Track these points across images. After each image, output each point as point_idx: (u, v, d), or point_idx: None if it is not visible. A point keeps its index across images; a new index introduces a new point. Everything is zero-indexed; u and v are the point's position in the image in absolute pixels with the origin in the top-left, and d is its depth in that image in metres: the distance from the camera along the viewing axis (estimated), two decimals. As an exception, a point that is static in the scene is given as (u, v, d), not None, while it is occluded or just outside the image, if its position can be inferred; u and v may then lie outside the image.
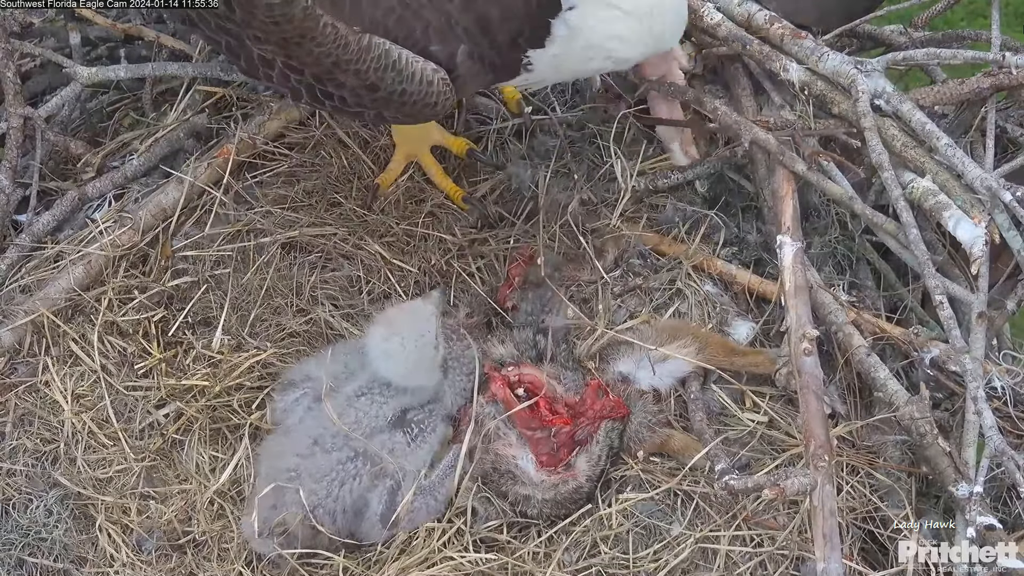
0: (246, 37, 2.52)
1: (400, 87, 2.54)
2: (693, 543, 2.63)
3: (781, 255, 2.90)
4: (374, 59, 2.50)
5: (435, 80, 2.56)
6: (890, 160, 2.79)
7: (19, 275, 3.04)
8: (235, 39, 2.56)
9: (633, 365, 2.90)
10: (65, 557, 2.72)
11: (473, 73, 2.62)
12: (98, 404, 2.91)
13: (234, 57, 2.62)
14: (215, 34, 2.58)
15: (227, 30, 2.54)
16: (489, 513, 2.73)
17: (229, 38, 2.57)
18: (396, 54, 2.52)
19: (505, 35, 2.59)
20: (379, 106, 2.60)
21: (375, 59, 2.50)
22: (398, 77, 2.53)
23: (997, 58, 3.01)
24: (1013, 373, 2.80)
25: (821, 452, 2.54)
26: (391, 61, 2.51)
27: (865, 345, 2.82)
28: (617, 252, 3.12)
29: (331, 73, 2.52)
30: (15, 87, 3.20)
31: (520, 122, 3.29)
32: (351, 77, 2.52)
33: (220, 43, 2.61)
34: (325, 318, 3.12)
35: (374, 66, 2.51)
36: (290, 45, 2.48)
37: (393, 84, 2.53)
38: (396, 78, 2.53)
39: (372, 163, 3.27)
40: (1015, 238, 2.71)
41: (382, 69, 2.51)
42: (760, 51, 3.08)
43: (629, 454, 2.82)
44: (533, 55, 2.63)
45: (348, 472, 2.70)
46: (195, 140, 3.28)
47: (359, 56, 2.49)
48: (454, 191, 3.22)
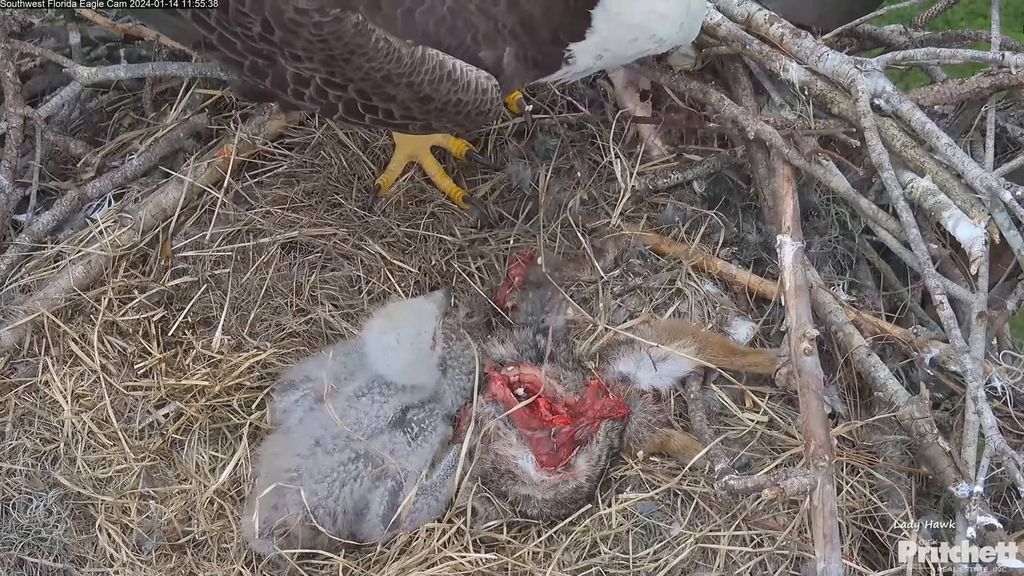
0: (281, 56, 2.51)
1: (456, 97, 2.53)
2: (693, 543, 2.63)
3: (781, 255, 2.90)
4: (428, 71, 2.50)
5: (489, 88, 2.56)
6: (890, 160, 2.79)
7: (19, 275, 3.04)
8: (265, 59, 2.54)
9: (633, 365, 2.90)
10: (65, 557, 2.72)
11: (518, 73, 2.62)
12: (98, 404, 2.92)
13: (259, 77, 2.59)
14: (239, 56, 2.56)
15: (257, 51, 2.52)
16: (489, 513, 2.73)
17: (257, 58, 2.55)
18: (451, 64, 2.51)
19: (547, 31, 2.58)
20: (431, 117, 2.59)
21: (429, 71, 2.50)
22: (454, 87, 2.52)
23: (997, 58, 3.01)
24: (1013, 373, 2.80)
25: (821, 452, 2.54)
26: (446, 72, 2.51)
27: (865, 345, 2.82)
28: (617, 252, 3.12)
29: (380, 87, 2.51)
30: (15, 87, 3.20)
31: (520, 122, 3.29)
32: (403, 90, 2.51)
33: (243, 64, 2.58)
34: (325, 318, 3.12)
35: (428, 78, 2.50)
36: (337, 62, 2.47)
37: (449, 95, 2.52)
38: (452, 88, 2.52)
39: (372, 164, 3.27)
40: (1015, 238, 2.70)
41: (437, 81, 2.50)
42: (760, 51, 3.08)
43: (629, 454, 2.82)
44: (575, 48, 2.62)
45: (349, 473, 2.70)
46: (195, 140, 3.28)
47: (412, 69, 2.48)
48: (454, 191, 3.22)
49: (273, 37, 2.48)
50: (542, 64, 2.65)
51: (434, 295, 2.93)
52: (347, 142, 3.28)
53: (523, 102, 3.25)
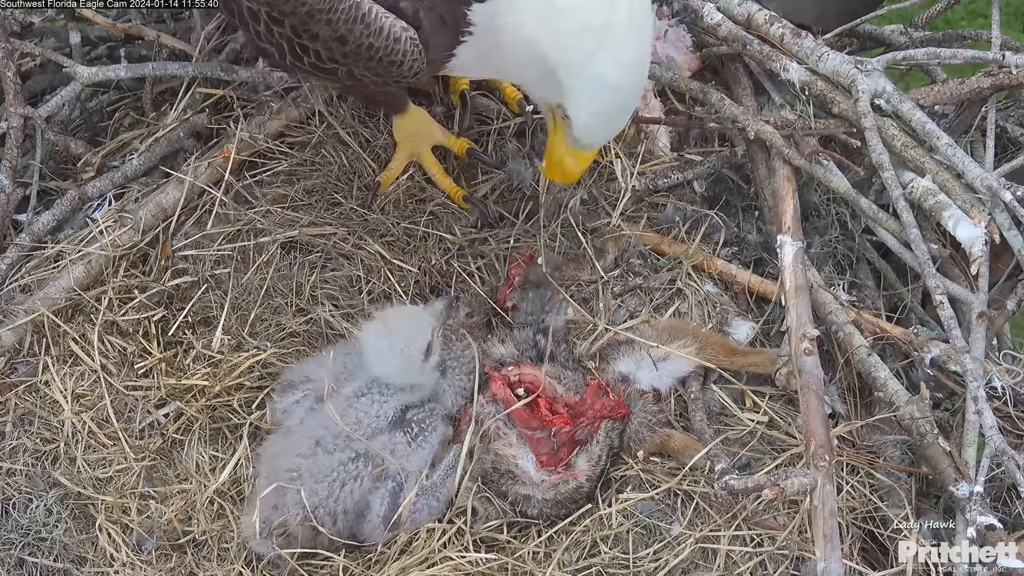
0: None
1: (367, 41, 2.54)
2: (693, 543, 2.63)
3: (781, 255, 2.90)
4: (344, 10, 2.52)
5: (403, 38, 2.55)
6: (890, 160, 2.79)
7: (19, 275, 3.04)
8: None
9: (633, 365, 2.90)
10: (65, 557, 2.72)
11: (435, 30, 2.59)
12: (98, 404, 2.92)
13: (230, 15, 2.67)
14: None
15: None
16: (489, 513, 2.73)
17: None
18: (367, 7, 2.53)
19: None
20: (349, 62, 2.61)
21: (345, 10, 2.52)
22: (366, 31, 2.53)
23: (997, 58, 3.01)
24: (1013, 373, 2.80)
25: (821, 452, 2.54)
26: (361, 14, 2.52)
27: (865, 345, 2.82)
28: (617, 252, 3.12)
29: (305, 24, 2.54)
30: (15, 87, 3.20)
31: (521, 121, 3.29)
32: (323, 27, 2.53)
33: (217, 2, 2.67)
34: (325, 318, 3.12)
35: (344, 17, 2.52)
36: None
37: (361, 37, 2.53)
38: (364, 31, 2.53)
39: (373, 162, 3.26)
40: (1015, 238, 2.71)
41: (351, 21, 2.52)
42: (760, 51, 3.09)
43: (629, 454, 2.82)
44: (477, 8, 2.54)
45: (350, 473, 2.70)
46: (195, 140, 3.28)
47: (331, 6, 2.51)
48: (455, 191, 3.22)
49: None
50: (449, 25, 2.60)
51: (434, 306, 2.90)
52: (348, 140, 3.28)
53: (523, 102, 3.24)
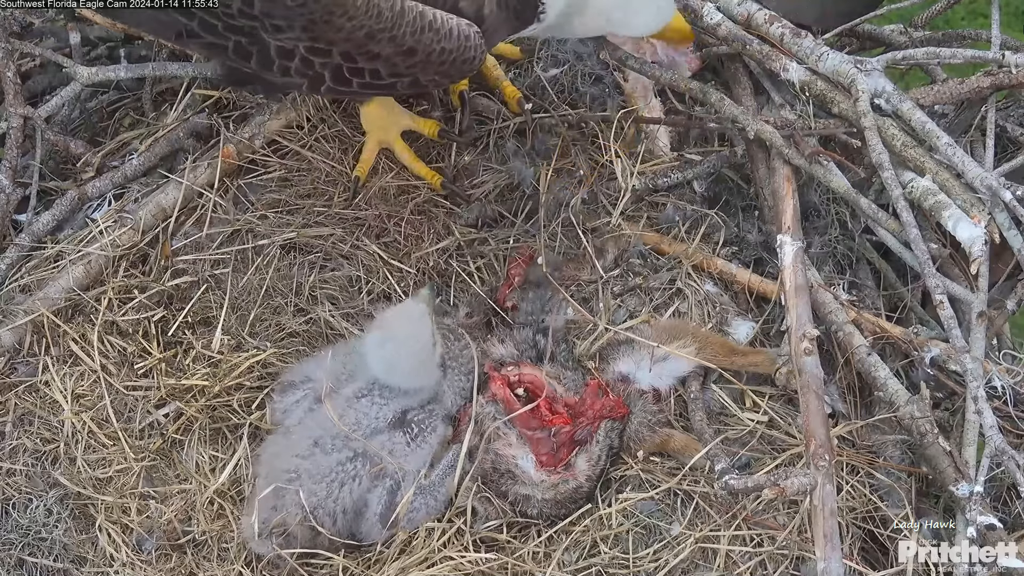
0: (263, 30, 2.51)
1: (439, 46, 2.55)
2: (693, 543, 2.63)
3: (781, 255, 2.90)
4: (409, 23, 2.51)
5: (471, 34, 2.57)
6: (890, 160, 2.78)
7: (19, 275, 3.03)
8: (247, 36, 2.54)
9: (633, 365, 2.90)
10: (65, 557, 2.72)
11: (500, 22, 2.63)
12: (98, 404, 2.91)
13: (243, 58, 2.59)
14: (221, 38, 2.56)
15: (239, 28, 2.53)
16: (489, 513, 2.73)
17: (240, 36, 2.55)
18: (431, 14, 2.53)
19: None
20: (417, 71, 2.60)
21: (410, 23, 2.51)
22: (436, 37, 2.54)
23: (997, 57, 3.01)
24: (1013, 373, 2.80)
25: (821, 452, 2.54)
26: (427, 22, 2.52)
27: (865, 345, 2.82)
28: (617, 251, 3.12)
29: (364, 46, 2.51)
30: (15, 87, 3.20)
31: (520, 121, 3.29)
32: (386, 46, 2.52)
33: (227, 47, 2.58)
34: (325, 318, 3.12)
35: (409, 30, 2.51)
36: (317, 25, 2.47)
37: (432, 44, 2.54)
38: (434, 38, 2.54)
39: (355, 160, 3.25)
40: (1015, 237, 2.70)
41: (419, 32, 2.52)
42: (760, 51, 3.08)
43: (629, 454, 2.82)
44: None
45: (348, 473, 2.70)
46: (195, 140, 3.28)
47: (394, 23, 2.49)
48: (430, 175, 3.20)
49: (253, 10, 2.48)
50: (520, 13, 2.66)
51: (420, 293, 2.90)
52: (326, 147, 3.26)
53: (523, 101, 3.24)
